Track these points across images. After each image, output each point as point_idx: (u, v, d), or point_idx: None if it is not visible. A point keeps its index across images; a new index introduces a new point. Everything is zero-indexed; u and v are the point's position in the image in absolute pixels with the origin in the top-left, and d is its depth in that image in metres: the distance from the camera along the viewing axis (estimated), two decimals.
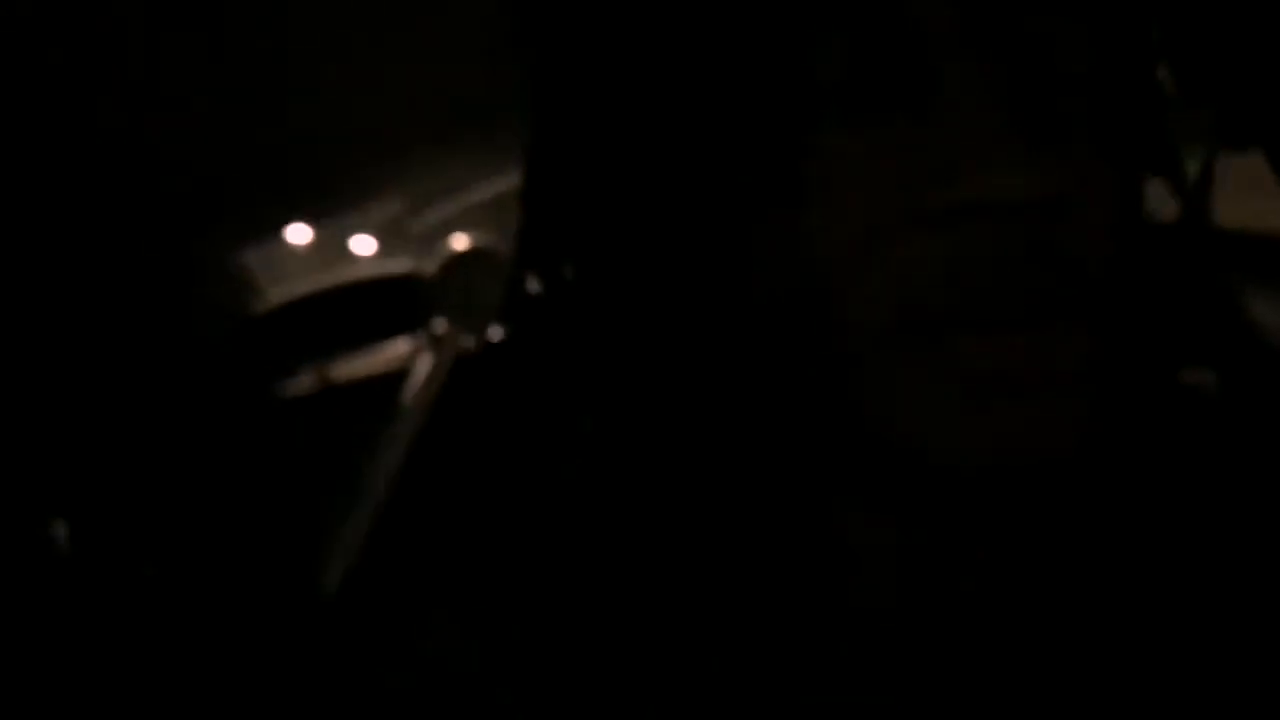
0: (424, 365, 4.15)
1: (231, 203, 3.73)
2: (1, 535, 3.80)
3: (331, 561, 3.17)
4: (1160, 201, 0.82)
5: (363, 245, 8.66)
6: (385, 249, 8.59)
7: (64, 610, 3.44)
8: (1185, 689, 0.48)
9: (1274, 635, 0.49)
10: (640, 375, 0.49)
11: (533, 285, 0.48)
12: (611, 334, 0.48)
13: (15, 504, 3.92)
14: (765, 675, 0.46)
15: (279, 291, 5.67)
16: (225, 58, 2.71)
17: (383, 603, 0.50)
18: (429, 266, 4.84)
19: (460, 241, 4.36)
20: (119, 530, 4.06)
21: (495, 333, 3.60)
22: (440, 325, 4.42)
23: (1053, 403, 0.42)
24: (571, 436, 0.51)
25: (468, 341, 4.04)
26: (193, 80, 2.87)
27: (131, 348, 4.44)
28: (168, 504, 4.17)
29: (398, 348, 4.96)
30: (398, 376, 4.33)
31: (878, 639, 0.47)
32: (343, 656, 0.51)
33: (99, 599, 3.59)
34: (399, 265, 5.77)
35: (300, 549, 3.34)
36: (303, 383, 4.95)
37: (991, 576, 0.48)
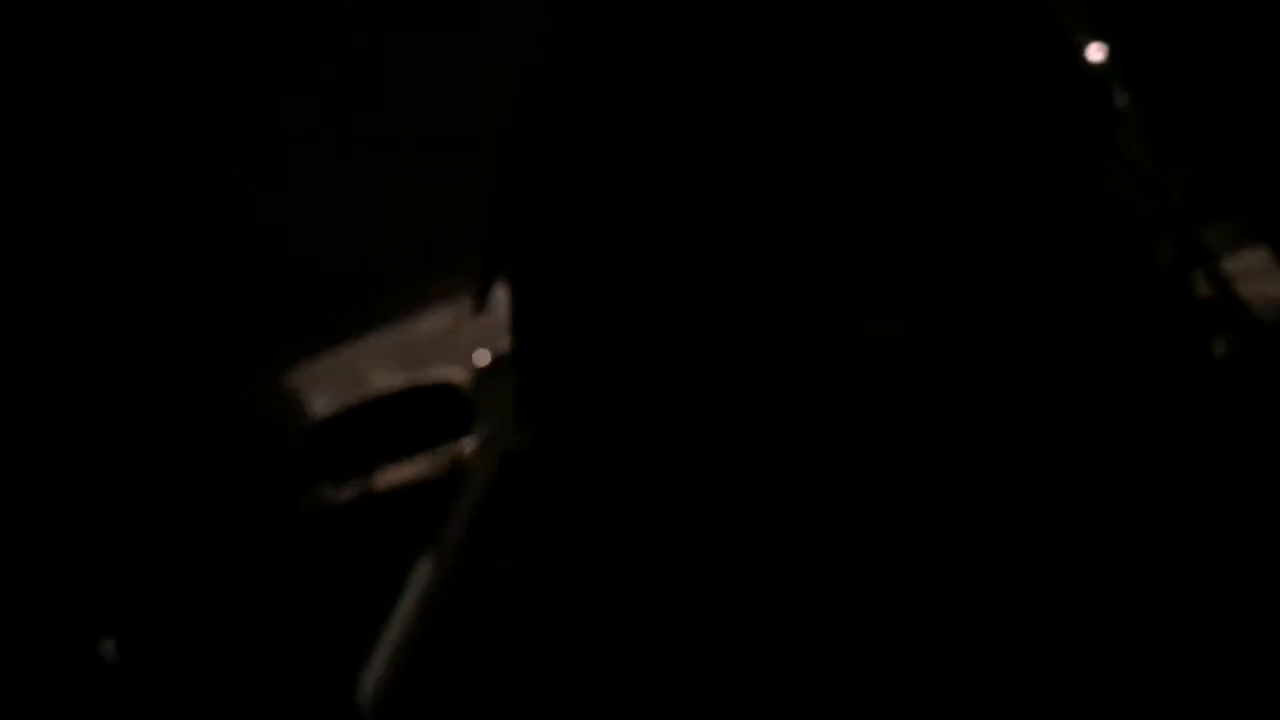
0: (465, 473, 4.18)
1: (278, 322, 3.80)
2: (52, 652, 3.83)
3: (370, 672, 3.18)
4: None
5: (405, 359, 8.75)
6: (428, 360, 8.66)
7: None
8: (1181, 684, 0.50)
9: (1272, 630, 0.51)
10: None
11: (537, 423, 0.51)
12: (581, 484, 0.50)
13: (66, 621, 3.95)
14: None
15: (323, 405, 5.75)
16: (277, 174, 2.80)
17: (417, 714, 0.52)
18: (466, 375, 4.91)
19: (497, 349, 4.43)
20: (168, 646, 4.09)
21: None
22: (480, 432, 4.46)
23: None
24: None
25: (506, 448, 4.07)
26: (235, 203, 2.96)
27: (180, 468, 4.50)
28: (214, 619, 4.20)
29: (439, 455, 5.02)
30: (439, 483, 4.36)
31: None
32: None
33: (147, 713, 3.61)
34: (437, 374, 5.85)
35: (340, 659, 3.36)
36: (347, 492, 5.01)
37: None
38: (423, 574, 3.61)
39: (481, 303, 0.55)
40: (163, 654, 4.00)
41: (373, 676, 3.21)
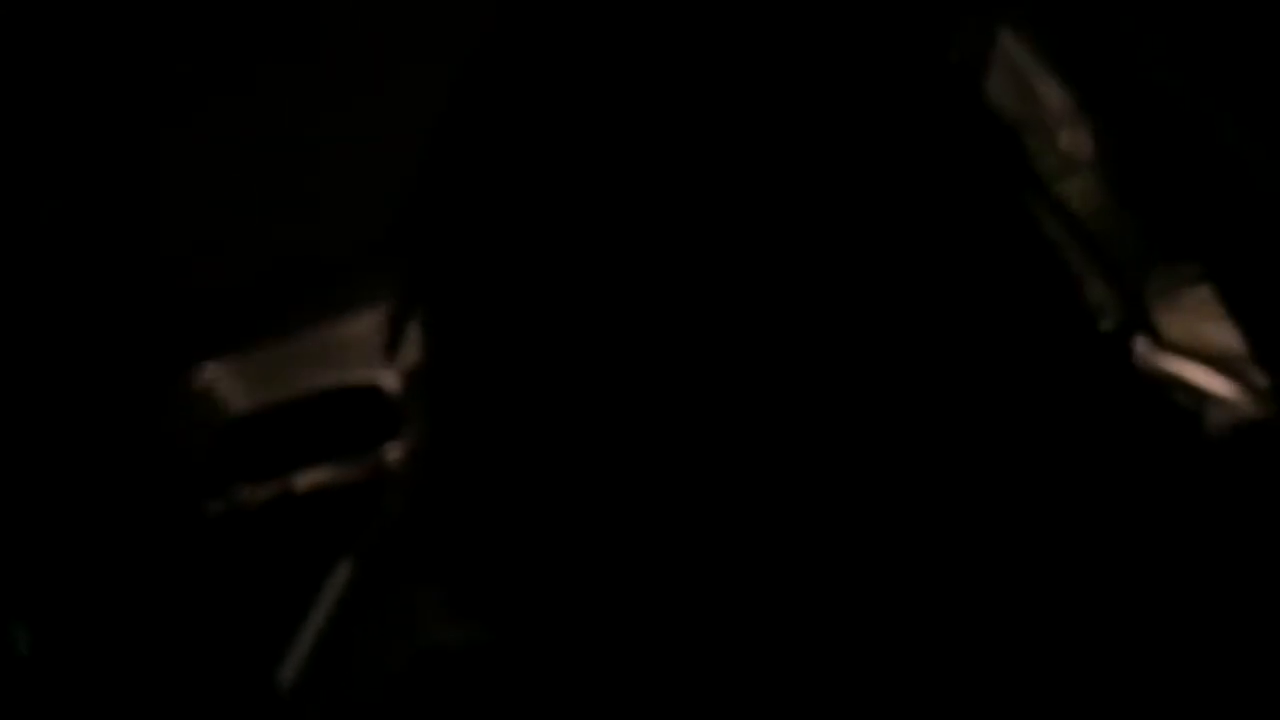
0: (387, 479, 4.13)
1: (197, 314, 3.73)
2: None
3: (289, 658, 3.16)
4: (1102, 308, 0.83)
5: (331, 358, 8.66)
6: (353, 362, 8.59)
7: (25, 711, 3.43)
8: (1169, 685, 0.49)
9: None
10: None
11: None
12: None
13: None
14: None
15: (242, 403, 5.65)
16: (201, 166, 2.74)
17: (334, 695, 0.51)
18: (393, 379, 4.85)
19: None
20: (81, 632, 4.03)
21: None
22: (406, 436, 4.41)
23: None
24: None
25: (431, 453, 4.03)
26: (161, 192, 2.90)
27: (96, 453, 4.41)
28: (127, 604, 4.14)
29: (362, 458, 4.95)
30: (362, 487, 4.30)
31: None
32: None
33: (61, 700, 3.57)
34: (362, 376, 5.78)
35: (259, 647, 3.34)
36: (264, 492, 4.93)
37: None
38: (340, 578, 3.57)
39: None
40: (74, 646, 3.94)
41: (292, 667, 3.18)
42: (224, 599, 4.09)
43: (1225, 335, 1.06)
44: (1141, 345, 0.77)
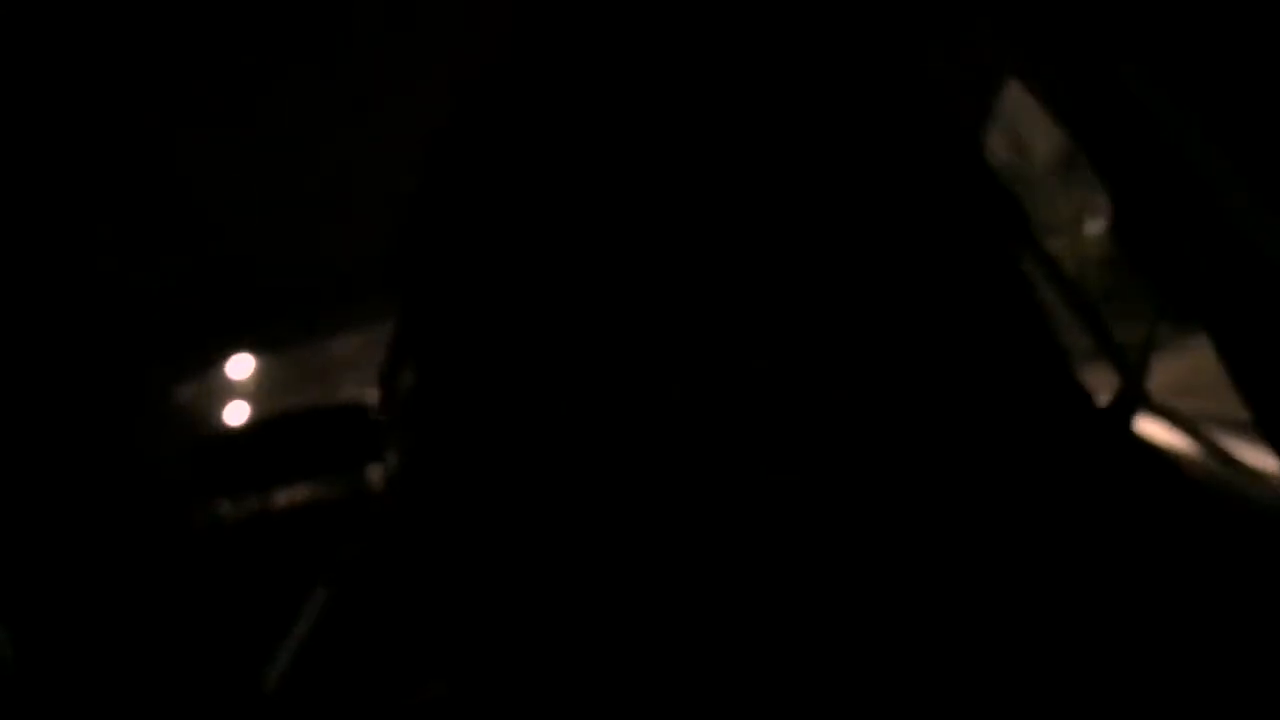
0: (368, 497, 4.11)
1: (176, 333, 3.71)
2: None
3: (274, 664, 3.17)
4: (1098, 380, 0.82)
5: (316, 378, 8.64)
6: (339, 380, 8.57)
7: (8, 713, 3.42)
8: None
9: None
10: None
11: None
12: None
13: None
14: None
15: (227, 419, 5.64)
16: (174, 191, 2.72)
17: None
18: (375, 398, 4.83)
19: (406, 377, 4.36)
20: (63, 638, 4.01)
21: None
22: (389, 456, 4.38)
23: None
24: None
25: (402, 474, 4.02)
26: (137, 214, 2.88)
27: (79, 463, 4.40)
28: (110, 614, 4.12)
29: (342, 478, 4.93)
30: (339, 506, 4.28)
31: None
32: None
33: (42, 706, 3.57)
34: (348, 395, 5.77)
35: (242, 655, 3.33)
36: (245, 508, 4.91)
37: None
38: (323, 589, 3.56)
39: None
40: (58, 653, 3.93)
41: (275, 668, 3.18)
42: (202, 611, 4.07)
43: (1225, 399, 1.05)
44: (1138, 416, 0.76)
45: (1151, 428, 1.21)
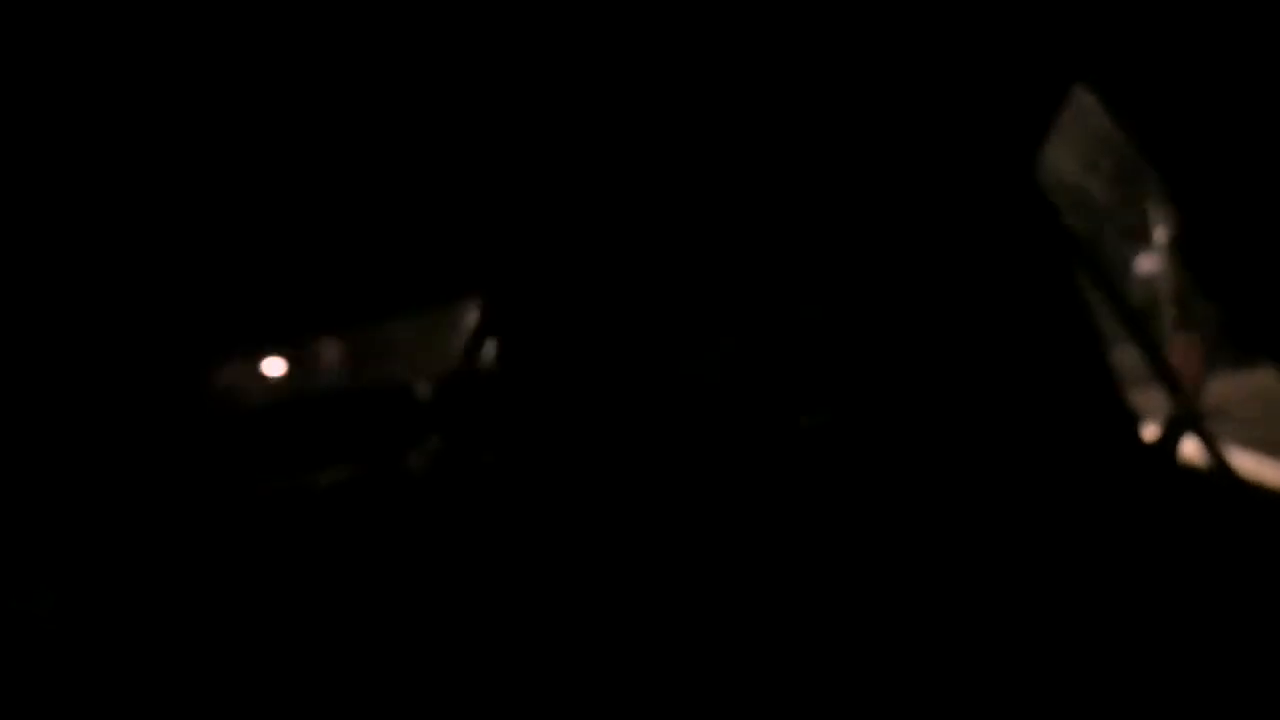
0: (411, 478, 4.12)
1: (232, 308, 3.74)
2: None
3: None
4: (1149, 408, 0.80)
5: (367, 360, 8.68)
6: (391, 363, 8.60)
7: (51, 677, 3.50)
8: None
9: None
10: None
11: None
12: None
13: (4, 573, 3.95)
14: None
15: (271, 397, 5.67)
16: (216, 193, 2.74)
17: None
18: (427, 385, 4.84)
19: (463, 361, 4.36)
20: (106, 602, 4.07)
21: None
22: (434, 439, 4.42)
23: None
24: None
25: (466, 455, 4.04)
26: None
27: (124, 450, 4.47)
28: (151, 589, 4.17)
29: (386, 459, 4.95)
30: (382, 486, 4.30)
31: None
32: None
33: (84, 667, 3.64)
34: (398, 378, 5.78)
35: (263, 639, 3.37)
36: (286, 485, 4.94)
37: None
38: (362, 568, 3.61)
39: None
40: (100, 619, 3.97)
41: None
42: (242, 589, 4.10)
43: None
44: (1190, 443, 0.74)
45: (1200, 451, 1.18)
